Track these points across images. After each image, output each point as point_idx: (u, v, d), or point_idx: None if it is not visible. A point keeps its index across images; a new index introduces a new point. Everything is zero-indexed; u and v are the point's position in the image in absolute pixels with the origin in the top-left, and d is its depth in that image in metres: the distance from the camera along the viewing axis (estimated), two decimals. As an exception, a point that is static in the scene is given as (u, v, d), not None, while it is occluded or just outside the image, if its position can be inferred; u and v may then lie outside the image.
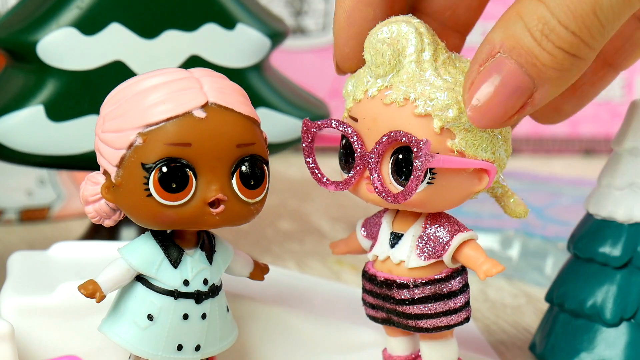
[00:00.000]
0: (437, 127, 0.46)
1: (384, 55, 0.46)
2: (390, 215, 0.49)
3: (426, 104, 0.46)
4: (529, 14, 0.43)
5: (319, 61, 1.12)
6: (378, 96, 0.47)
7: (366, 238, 0.50)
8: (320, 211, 0.91)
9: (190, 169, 0.46)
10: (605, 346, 0.54)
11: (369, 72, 0.47)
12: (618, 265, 0.55)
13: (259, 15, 0.70)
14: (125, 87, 0.47)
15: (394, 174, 0.46)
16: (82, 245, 0.60)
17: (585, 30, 0.43)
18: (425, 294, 0.48)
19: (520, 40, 0.44)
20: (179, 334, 0.48)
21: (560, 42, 0.43)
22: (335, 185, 0.48)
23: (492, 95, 0.44)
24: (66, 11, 0.66)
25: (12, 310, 0.52)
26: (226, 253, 0.50)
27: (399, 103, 0.46)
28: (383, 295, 0.48)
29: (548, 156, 1.13)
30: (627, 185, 0.55)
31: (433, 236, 0.48)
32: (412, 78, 0.46)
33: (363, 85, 0.47)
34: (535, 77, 0.44)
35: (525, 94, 0.44)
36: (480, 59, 0.45)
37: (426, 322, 0.48)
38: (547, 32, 0.43)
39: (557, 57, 0.43)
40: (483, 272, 0.46)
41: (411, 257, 0.48)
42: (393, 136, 0.46)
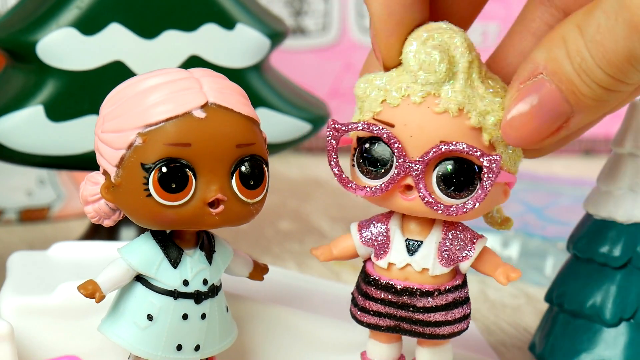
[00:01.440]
0: (486, 141, 0.46)
1: (439, 64, 0.45)
2: (397, 221, 0.48)
3: (480, 117, 0.45)
4: (571, 42, 0.43)
5: (319, 61, 1.12)
6: (425, 103, 0.46)
7: (365, 245, 0.49)
8: (320, 211, 0.91)
9: (189, 169, 0.46)
10: (605, 346, 0.54)
11: (410, 77, 0.46)
12: (617, 265, 0.55)
13: (258, 15, 0.70)
14: (125, 87, 0.47)
15: (441, 185, 0.46)
16: (81, 245, 0.60)
17: (620, 74, 0.43)
18: (447, 301, 0.47)
19: (562, 67, 0.44)
20: (179, 334, 0.48)
21: (596, 79, 0.43)
22: (364, 190, 0.47)
23: (528, 114, 0.44)
24: (66, 11, 0.66)
25: (12, 310, 0.52)
26: (226, 253, 0.50)
27: (453, 113, 0.45)
28: (400, 304, 0.48)
29: (548, 156, 1.13)
30: (626, 185, 0.55)
31: (454, 243, 0.48)
32: (465, 89, 0.45)
33: (400, 90, 0.46)
34: (574, 103, 0.44)
35: (562, 118, 0.44)
36: (522, 77, 0.45)
37: (446, 329, 0.48)
38: (584, 67, 0.43)
39: (595, 91, 0.44)
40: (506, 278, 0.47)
41: (435, 265, 0.47)
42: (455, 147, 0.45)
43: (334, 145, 0.47)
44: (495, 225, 0.51)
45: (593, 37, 0.43)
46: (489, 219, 0.51)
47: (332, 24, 1.12)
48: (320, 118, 0.73)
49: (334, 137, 0.47)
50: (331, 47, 1.12)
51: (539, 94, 0.44)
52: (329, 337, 0.55)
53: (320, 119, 0.73)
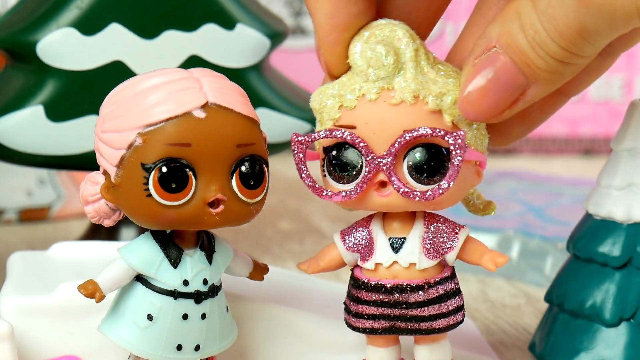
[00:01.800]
0: (448, 122, 0.46)
1: (386, 58, 0.46)
2: (379, 222, 0.49)
3: (437, 100, 0.46)
4: (525, 16, 0.44)
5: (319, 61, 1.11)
6: (380, 99, 0.46)
7: (350, 251, 0.49)
8: (320, 211, 0.91)
9: (190, 169, 0.46)
10: (605, 346, 0.54)
11: (361, 77, 0.47)
12: (617, 265, 0.55)
13: (258, 15, 0.70)
14: (125, 87, 0.47)
15: (413, 173, 0.46)
16: (82, 245, 0.60)
17: (572, 46, 0.43)
18: (439, 294, 0.48)
19: (515, 40, 0.44)
20: (179, 334, 0.48)
21: (550, 52, 0.44)
22: (340, 196, 0.47)
23: (484, 88, 0.45)
24: (66, 11, 0.66)
25: (12, 310, 0.52)
26: (226, 253, 0.50)
27: (409, 102, 0.46)
28: (392, 302, 0.48)
29: (548, 156, 1.13)
30: (626, 185, 0.55)
31: (437, 235, 0.48)
32: (417, 76, 0.46)
33: (354, 91, 0.47)
34: (529, 76, 0.44)
35: (518, 90, 0.45)
36: (476, 52, 0.45)
37: (441, 322, 0.48)
38: (538, 40, 0.44)
39: (549, 63, 0.44)
40: (494, 264, 0.47)
41: (421, 259, 0.48)
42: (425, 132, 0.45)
43: (301, 158, 0.48)
44: (479, 212, 0.51)
45: (545, 10, 0.43)
46: (471, 207, 0.51)
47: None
48: (320, 118, 0.73)
49: (300, 150, 0.48)
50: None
51: (493, 67, 0.45)
52: (329, 337, 0.55)
53: (320, 119, 0.73)
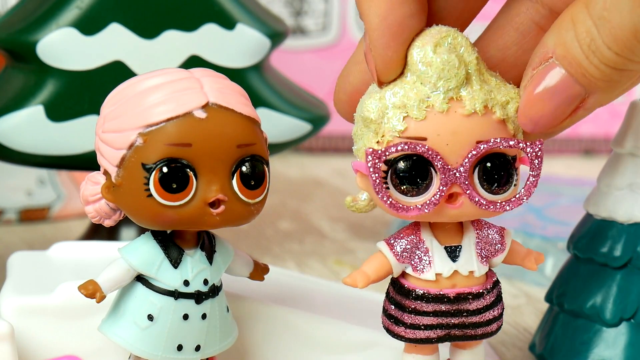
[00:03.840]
0: (511, 130, 0.46)
1: (458, 68, 0.45)
2: (429, 231, 0.48)
3: (503, 109, 0.46)
4: (579, 23, 0.43)
5: (319, 61, 1.12)
6: (451, 109, 0.45)
7: (401, 262, 0.48)
8: (320, 211, 0.91)
9: (190, 169, 0.46)
10: (605, 346, 0.54)
11: (429, 87, 0.45)
12: (618, 265, 0.55)
13: (258, 15, 0.70)
14: (125, 88, 0.47)
15: (485, 184, 0.46)
16: (82, 245, 0.60)
17: (628, 51, 0.43)
18: (493, 298, 0.48)
19: (570, 50, 0.44)
20: (179, 334, 0.48)
21: (605, 60, 0.43)
22: (416, 210, 0.46)
23: (542, 100, 0.45)
24: (66, 11, 0.66)
25: (12, 310, 0.52)
26: (226, 253, 0.50)
27: (480, 112, 0.45)
28: (453, 311, 0.47)
29: (548, 156, 1.13)
30: (626, 185, 0.55)
31: (486, 240, 0.48)
32: (482, 86, 0.46)
33: (422, 102, 0.45)
34: (586, 85, 0.44)
35: (576, 100, 0.45)
36: (534, 62, 0.45)
37: (494, 325, 0.48)
38: (593, 48, 0.43)
39: (604, 72, 0.44)
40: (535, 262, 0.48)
41: (479, 266, 0.48)
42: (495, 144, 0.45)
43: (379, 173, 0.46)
44: None
45: (600, 13, 0.43)
46: None
47: (332, 24, 1.12)
48: (320, 118, 0.73)
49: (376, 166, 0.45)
50: (331, 47, 1.12)
51: (550, 79, 0.44)
52: (329, 337, 0.55)
53: (320, 119, 0.73)
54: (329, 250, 0.80)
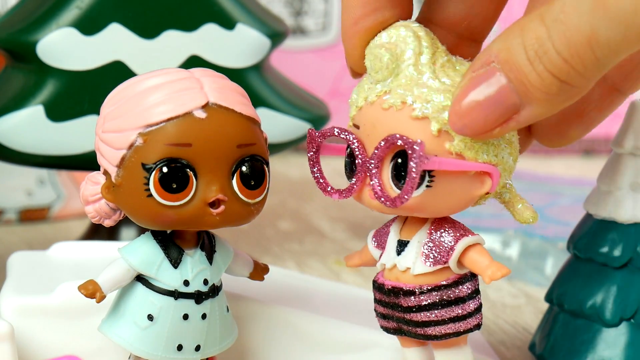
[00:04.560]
0: (434, 130, 0.45)
1: (382, 60, 0.46)
2: (399, 224, 0.49)
3: (423, 107, 0.45)
4: (529, 30, 0.43)
5: (319, 61, 1.12)
6: (377, 102, 0.46)
7: (376, 248, 0.50)
8: (320, 211, 0.91)
9: (190, 169, 0.46)
10: (605, 346, 0.54)
11: (369, 79, 0.47)
12: (618, 265, 0.55)
13: (258, 15, 0.70)
14: (125, 88, 0.47)
15: (394, 179, 0.46)
16: (82, 245, 0.60)
17: (577, 59, 0.42)
18: (431, 301, 0.47)
19: (513, 55, 0.43)
20: (179, 334, 0.48)
21: (550, 66, 0.42)
22: (339, 193, 0.48)
23: (475, 103, 0.44)
24: (66, 11, 0.66)
25: (12, 310, 0.52)
26: (226, 253, 0.50)
27: (397, 107, 0.46)
28: (391, 304, 0.48)
29: (548, 156, 1.13)
30: (626, 185, 0.55)
31: (438, 241, 0.47)
32: (410, 82, 0.46)
33: (363, 92, 0.47)
34: (522, 95, 0.43)
35: (510, 109, 0.44)
36: (475, 65, 0.44)
37: (434, 329, 0.47)
38: (540, 53, 0.42)
39: (545, 80, 0.42)
40: (488, 276, 0.46)
41: (417, 264, 0.47)
42: (390, 140, 0.45)
43: (313, 153, 0.48)
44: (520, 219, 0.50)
45: (557, 16, 0.42)
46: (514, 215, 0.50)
47: (332, 24, 1.12)
48: (320, 118, 0.73)
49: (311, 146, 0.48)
50: (331, 47, 1.12)
51: (487, 83, 0.44)
52: (328, 337, 0.55)
53: (320, 119, 0.73)
54: (329, 250, 0.80)
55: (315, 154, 0.48)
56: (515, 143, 0.48)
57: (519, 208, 0.49)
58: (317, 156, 0.48)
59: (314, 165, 0.48)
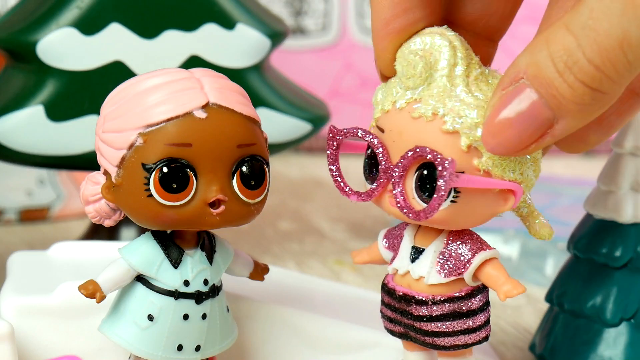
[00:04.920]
0: (464, 145, 0.45)
1: (415, 67, 0.45)
2: (413, 229, 0.48)
3: (454, 121, 0.44)
4: (555, 42, 0.42)
5: (319, 61, 1.12)
6: (406, 109, 0.45)
7: (388, 249, 0.49)
8: (320, 211, 0.91)
9: (190, 169, 0.46)
10: (605, 346, 0.54)
11: (399, 83, 0.46)
12: (618, 265, 0.55)
13: (259, 15, 0.70)
14: (125, 87, 0.47)
15: (418, 190, 0.45)
16: (82, 245, 0.60)
17: (609, 65, 0.41)
18: (443, 312, 0.47)
19: (542, 70, 0.42)
20: (179, 334, 0.48)
21: (582, 76, 0.42)
22: (357, 195, 0.47)
23: (509, 121, 0.43)
24: (66, 11, 0.66)
25: (12, 310, 0.52)
26: (226, 253, 0.50)
27: (427, 117, 0.45)
28: (401, 310, 0.47)
29: (548, 156, 1.13)
30: (627, 185, 0.55)
31: (455, 253, 0.47)
32: (443, 93, 0.45)
33: (392, 96, 0.46)
34: (555, 109, 0.42)
35: (544, 124, 0.43)
36: (504, 83, 0.44)
37: (443, 340, 0.47)
38: (570, 64, 0.41)
39: (577, 91, 0.42)
40: (504, 293, 0.45)
41: (431, 273, 0.47)
42: (419, 152, 0.44)
43: (333, 151, 0.47)
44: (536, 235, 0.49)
45: (585, 23, 0.41)
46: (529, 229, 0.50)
47: (332, 24, 1.12)
48: (320, 118, 0.73)
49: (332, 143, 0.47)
50: (331, 47, 1.12)
51: (518, 100, 0.43)
52: (328, 337, 0.55)
53: (320, 119, 0.73)
54: (329, 250, 0.80)
55: (335, 151, 0.47)
56: (539, 160, 0.48)
57: (536, 224, 0.49)
58: (336, 154, 0.47)
59: (332, 163, 0.47)
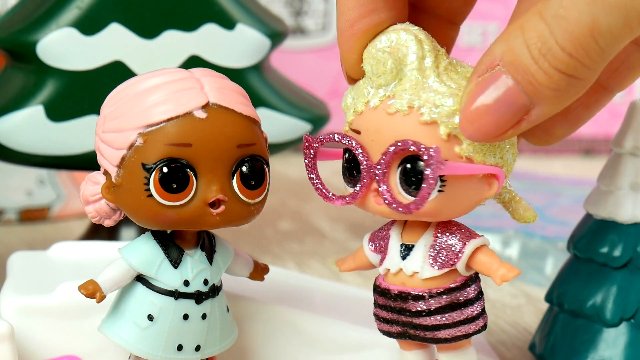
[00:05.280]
0: (443, 134, 0.45)
1: (385, 65, 0.45)
2: (399, 227, 0.48)
3: (431, 111, 0.45)
4: (529, 29, 0.43)
5: (319, 61, 1.12)
6: (381, 106, 0.46)
7: (374, 252, 0.49)
8: (320, 211, 0.91)
9: (190, 169, 0.46)
10: (605, 346, 0.54)
11: (369, 83, 0.46)
12: (618, 265, 0.55)
13: (258, 15, 0.70)
14: (125, 87, 0.47)
15: (403, 184, 0.45)
16: (82, 245, 0.60)
17: (582, 52, 0.42)
18: (441, 304, 0.47)
19: (518, 56, 0.43)
20: (179, 334, 0.48)
21: (556, 63, 0.42)
22: (342, 199, 0.47)
23: (485, 108, 0.44)
24: (66, 11, 0.66)
25: (12, 310, 0.52)
26: (226, 253, 0.50)
27: (404, 112, 0.45)
28: (398, 309, 0.47)
29: (548, 156, 1.13)
30: (626, 185, 0.55)
31: (445, 245, 0.47)
32: (416, 86, 0.45)
33: (364, 96, 0.46)
34: (532, 95, 0.43)
35: (521, 110, 0.43)
36: (480, 70, 0.44)
37: (444, 333, 0.47)
38: (544, 51, 0.42)
39: (553, 77, 0.42)
40: (499, 277, 0.46)
41: (424, 268, 0.47)
42: (401, 145, 0.45)
43: (311, 160, 0.48)
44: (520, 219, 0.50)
45: (556, 12, 0.42)
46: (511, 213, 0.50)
47: (332, 24, 1.12)
48: (320, 118, 0.73)
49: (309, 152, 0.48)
50: (331, 47, 1.12)
51: (496, 88, 0.43)
52: (328, 337, 0.55)
53: (320, 119, 0.73)
54: (329, 250, 0.80)
55: (313, 159, 0.48)
56: (516, 144, 0.48)
57: (520, 207, 0.49)
58: (314, 162, 0.48)
59: (311, 172, 0.48)
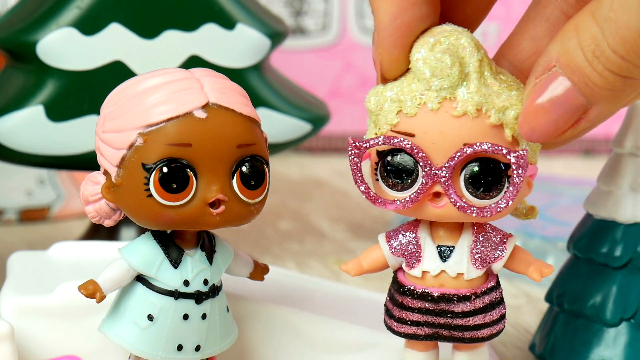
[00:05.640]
0: (509, 136, 0.45)
1: (451, 67, 0.45)
2: (426, 229, 0.48)
3: (499, 113, 0.45)
4: (583, 31, 0.43)
5: (319, 61, 1.12)
6: (442, 109, 0.45)
7: (395, 255, 0.48)
8: (320, 211, 0.91)
9: (190, 169, 0.46)
10: (605, 346, 0.54)
11: (423, 84, 0.46)
12: (618, 265, 0.55)
13: (258, 15, 0.70)
14: (125, 87, 0.47)
15: (470, 187, 0.46)
16: (82, 245, 0.60)
17: (633, 54, 0.42)
18: (484, 304, 0.47)
19: (573, 58, 0.43)
20: (179, 334, 0.48)
21: (609, 65, 0.42)
22: (394, 205, 0.46)
23: (544, 109, 0.44)
24: (66, 11, 0.66)
25: (12, 310, 0.52)
26: (226, 253, 0.50)
27: (472, 114, 0.45)
28: (437, 311, 0.47)
29: (548, 156, 1.13)
30: (627, 185, 0.55)
31: (487, 244, 0.47)
32: (480, 88, 0.45)
33: (415, 98, 0.46)
34: (588, 95, 0.43)
35: (579, 110, 0.44)
36: (537, 71, 0.44)
37: (485, 331, 0.47)
38: (597, 53, 0.42)
39: (607, 79, 0.43)
40: (540, 274, 0.47)
41: (470, 269, 0.47)
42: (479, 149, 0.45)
43: (357, 164, 0.47)
44: (521, 216, 0.50)
45: (607, 15, 0.42)
46: (515, 212, 0.51)
47: (332, 24, 1.12)
48: (320, 118, 0.73)
49: (357, 156, 0.47)
50: (331, 47, 1.12)
51: (552, 88, 0.44)
52: (328, 337, 0.55)
53: (320, 119, 0.73)
54: (329, 250, 0.80)
55: (360, 167, 0.47)
56: None
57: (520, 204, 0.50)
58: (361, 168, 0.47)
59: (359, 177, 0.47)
